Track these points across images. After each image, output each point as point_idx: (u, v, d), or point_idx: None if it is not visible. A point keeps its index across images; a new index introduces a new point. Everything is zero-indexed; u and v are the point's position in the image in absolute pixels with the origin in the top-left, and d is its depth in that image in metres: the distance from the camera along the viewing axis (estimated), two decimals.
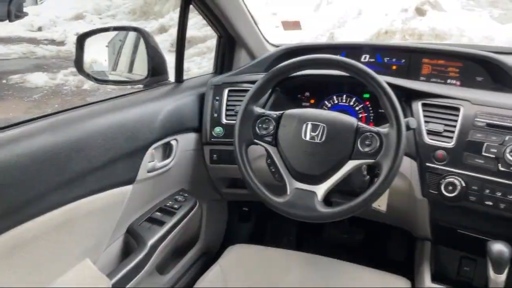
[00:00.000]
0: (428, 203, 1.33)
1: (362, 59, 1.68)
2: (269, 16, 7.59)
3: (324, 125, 1.16)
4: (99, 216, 1.17)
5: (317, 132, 1.16)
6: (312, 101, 1.59)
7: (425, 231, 1.40)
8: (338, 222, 1.87)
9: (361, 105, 1.53)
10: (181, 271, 1.66)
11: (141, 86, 1.56)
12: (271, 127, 1.22)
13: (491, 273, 1.13)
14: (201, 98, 1.60)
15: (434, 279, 1.39)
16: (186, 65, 1.66)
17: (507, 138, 1.20)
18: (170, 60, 1.62)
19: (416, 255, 1.47)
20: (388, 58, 1.63)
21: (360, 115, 1.53)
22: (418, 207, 1.35)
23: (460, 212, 1.28)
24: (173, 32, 7.15)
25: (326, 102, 1.57)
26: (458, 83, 1.53)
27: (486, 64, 1.46)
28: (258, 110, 1.24)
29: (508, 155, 1.18)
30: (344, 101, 1.55)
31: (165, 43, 7.42)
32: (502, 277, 1.13)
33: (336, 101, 1.56)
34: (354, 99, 1.54)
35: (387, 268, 1.43)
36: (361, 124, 1.16)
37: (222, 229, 1.96)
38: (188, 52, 6.65)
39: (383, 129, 1.12)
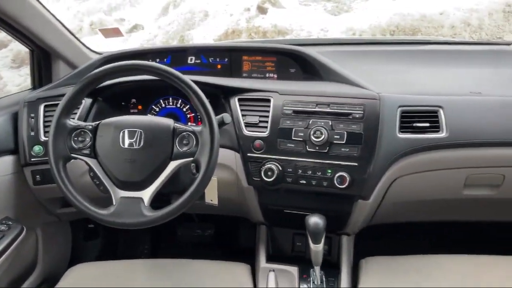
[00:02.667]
0: (254, 190, 1.42)
1: (189, 61, 1.72)
2: (116, 22, 7.36)
3: (141, 130, 1.17)
4: None
5: (134, 138, 1.17)
6: (140, 107, 1.59)
7: (259, 216, 1.50)
8: (188, 221, 1.91)
9: (188, 106, 1.57)
10: None
11: None
12: (88, 139, 1.19)
13: (311, 243, 1.26)
14: (15, 117, 1.49)
15: (271, 259, 1.49)
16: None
17: (310, 121, 1.34)
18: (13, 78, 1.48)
19: (256, 239, 1.56)
20: (212, 58, 1.70)
21: (189, 116, 1.57)
22: (247, 195, 1.44)
23: (282, 193, 1.40)
24: (14, 46, 6.53)
25: (153, 106, 1.58)
26: (275, 76, 1.65)
27: (295, 57, 1.60)
28: (72, 123, 1.21)
29: (312, 137, 1.32)
30: (171, 103, 1.58)
31: (5, 59, 6.71)
32: (320, 246, 1.26)
33: (163, 105, 1.58)
34: (180, 100, 1.57)
35: (237, 257, 1.51)
36: (177, 124, 1.19)
37: (66, 251, 1.86)
38: None
39: (197, 128, 1.17)
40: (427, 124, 1.34)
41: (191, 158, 1.16)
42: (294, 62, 1.62)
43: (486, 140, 1.33)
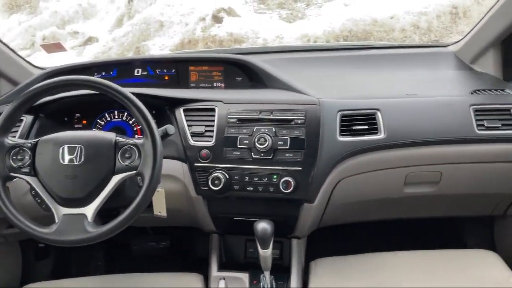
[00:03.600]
0: (203, 199, 1.43)
1: (135, 73, 1.71)
2: (69, 36, 7.22)
3: (81, 145, 1.16)
4: None
5: (74, 154, 1.15)
6: (85, 122, 1.57)
7: (210, 225, 1.51)
8: (141, 234, 1.89)
9: (134, 119, 1.56)
10: None
11: None
12: (27, 157, 1.17)
13: (259, 249, 1.28)
14: None
15: (224, 267, 1.51)
16: None
17: (255, 129, 1.37)
18: None
19: (209, 248, 1.57)
20: (159, 70, 1.70)
21: (135, 128, 1.57)
22: (196, 204, 1.45)
23: (231, 201, 1.42)
24: None
25: (98, 120, 1.57)
26: (222, 85, 1.67)
27: (241, 65, 1.62)
28: (10, 141, 1.18)
29: (257, 144, 1.34)
30: (117, 117, 1.57)
31: None
32: (268, 251, 1.28)
33: (109, 118, 1.57)
34: (126, 113, 1.56)
35: (193, 267, 1.51)
36: (119, 138, 1.19)
37: (16, 272, 1.81)
38: None
39: (139, 140, 1.17)
40: (366, 127, 1.39)
41: (134, 171, 1.15)
42: (240, 71, 1.64)
43: (422, 139, 1.39)
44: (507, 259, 1.49)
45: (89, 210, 1.14)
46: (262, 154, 1.35)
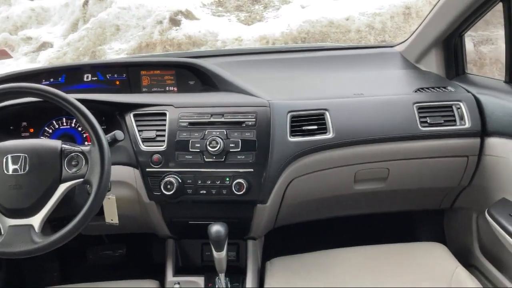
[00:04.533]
0: (156, 204, 1.42)
1: (85, 79, 1.68)
2: (22, 41, 7.00)
3: (25, 155, 1.13)
4: None
5: (19, 164, 1.12)
6: (32, 130, 1.53)
7: (165, 230, 1.50)
8: (96, 242, 1.85)
9: None
10: None
11: None
12: None
13: (214, 251, 1.28)
14: None
15: (181, 272, 1.50)
16: None
17: (206, 132, 1.38)
18: None
19: (165, 254, 1.56)
20: (110, 75, 1.67)
21: (85, 135, 1.54)
22: (149, 210, 1.43)
23: (184, 205, 1.41)
24: None
25: (46, 128, 1.53)
26: (175, 89, 1.66)
27: (193, 69, 1.62)
28: None
29: (209, 147, 1.35)
30: (65, 124, 1.53)
31: None
32: (223, 253, 1.29)
33: (57, 126, 1.53)
34: (74, 120, 1.53)
35: (150, 273, 1.49)
36: (65, 145, 1.17)
37: None
38: None
39: (86, 147, 1.15)
40: (315, 127, 1.42)
41: (82, 179, 1.13)
42: (192, 74, 1.64)
43: (369, 137, 1.44)
44: (456, 251, 1.55)
45: (36, 220, 1.12)
46: (214, 157, 1.36)
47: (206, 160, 1.36)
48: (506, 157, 1.36)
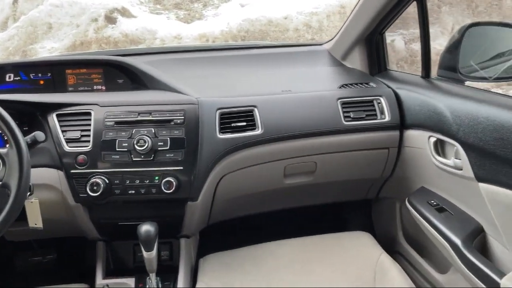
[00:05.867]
0: (83, 206, 1.39)
1: (7, 79, 1.60)
2: None
3: None
4: None
5: None
6: None
7: (93, 232, 1.47)
8: (23, 248, 1.78)
9: None
10: None
11: None
12: None
13: (143, 251, 1.27)
14: None
15: (113, 274, 1.47)
16: None
17: (134, 131, 1.36)
18: None
19: (96, 257, 1.53)
20: (33, 74, 1.61)
21: (6, 138, 1.47)
22: (76, 213, 1.40)
23: (113, 206, 1.39)
24: None
25: None
26: (103, 88, 1.62)
27: (121, 67, 1.59)
28: None
29: (136, 146, 1.33)
30: None
31: None
32: (153, 253, 1.28)
33: None
34: None
35: (82, 277, 1.45)
36: None
37: None
38: None
39: (3, 150, 1.11)
40: (244, 123, 1.44)
41: (0, 182, 1.09)
42: (121, 73, 1.61)
43: (296, 132, 1.48)
44: (383, 239, 1.63)
45: None
46: (142, 156, 1.34)
47: (134, 159, 1.35)
48: (423, 148, 1.45)
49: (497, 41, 1.44)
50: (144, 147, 1.33)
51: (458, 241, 1.21)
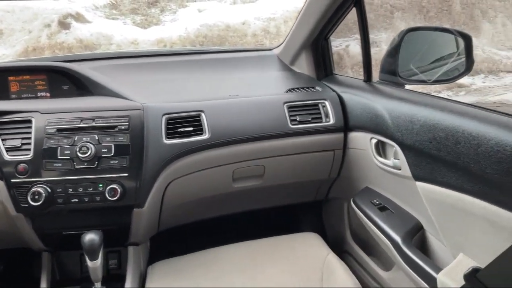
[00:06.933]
0: (25, 217, 1.35)
1: None
2: None
3: None
4: None
5: None
6: None
7: (38, 243, 1.43)
8: None
9: None
10: None
11: None
12: None
13: (88, 260, 1.25)
14: None
15: (60, 284, 1.44)
16: None
17: (76, 138, 1.33)
18: None
19: (41, 268, 1.48)
20: None
21: None
22: (18, 223, 1.36)
23: (57, 215, 1.36)
24: None
25: None
26: (48, 94, 1.58)
27: (65, 73, 1.56)
28: None
29: (79, 154, 1.31)
30: None
31: None
32: (97, 262, 1.26)
33: None
34: None
35: None
36: None
37: None
38: None
39: None
40: (191, 128, 1.44)
41: None
42: (65, 79, 1.58)
43: (244, 136, 1.49)
44: (332, 239, 1.67)
45: None
46: (85, 164, 1.32)
47: (77, 167, 1.32)
48: (366, 149, 1.49)
49: (434, 45, 1.51)
50: (87, 154, 1.31)
51: (398, 239, 1.25)
